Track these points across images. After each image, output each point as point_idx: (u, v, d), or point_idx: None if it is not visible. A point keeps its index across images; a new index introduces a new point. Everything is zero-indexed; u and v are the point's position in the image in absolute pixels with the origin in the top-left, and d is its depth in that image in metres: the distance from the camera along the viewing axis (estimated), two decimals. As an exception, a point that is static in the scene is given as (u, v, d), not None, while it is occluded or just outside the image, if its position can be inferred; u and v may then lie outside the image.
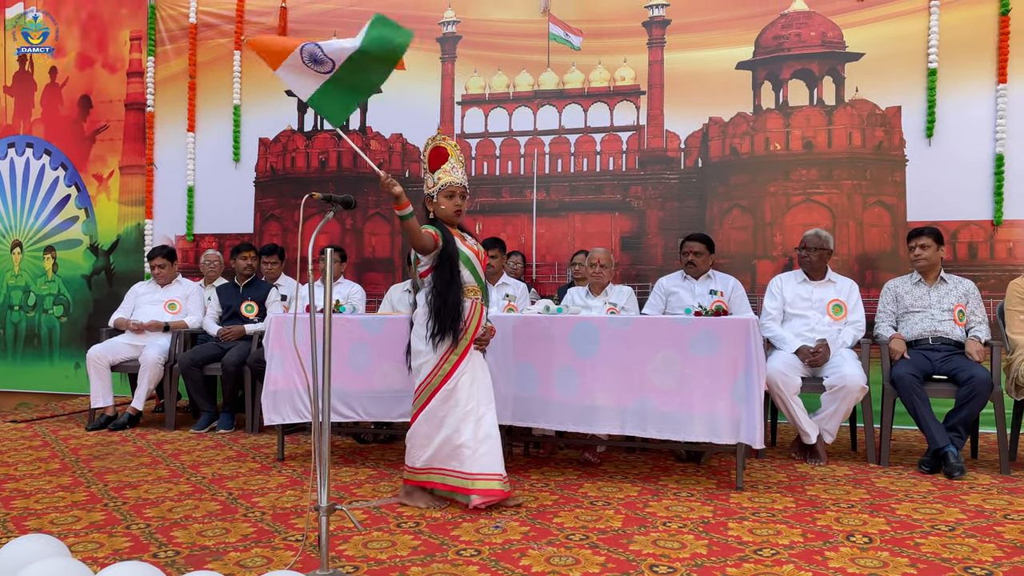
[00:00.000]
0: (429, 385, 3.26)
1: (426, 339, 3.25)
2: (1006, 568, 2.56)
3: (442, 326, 3.22)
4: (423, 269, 3.32)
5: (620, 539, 2.87)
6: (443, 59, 6.35)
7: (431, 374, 3.26)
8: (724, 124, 5.84)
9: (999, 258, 5.22)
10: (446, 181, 3.33)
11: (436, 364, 3.26)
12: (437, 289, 3.25)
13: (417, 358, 3.31)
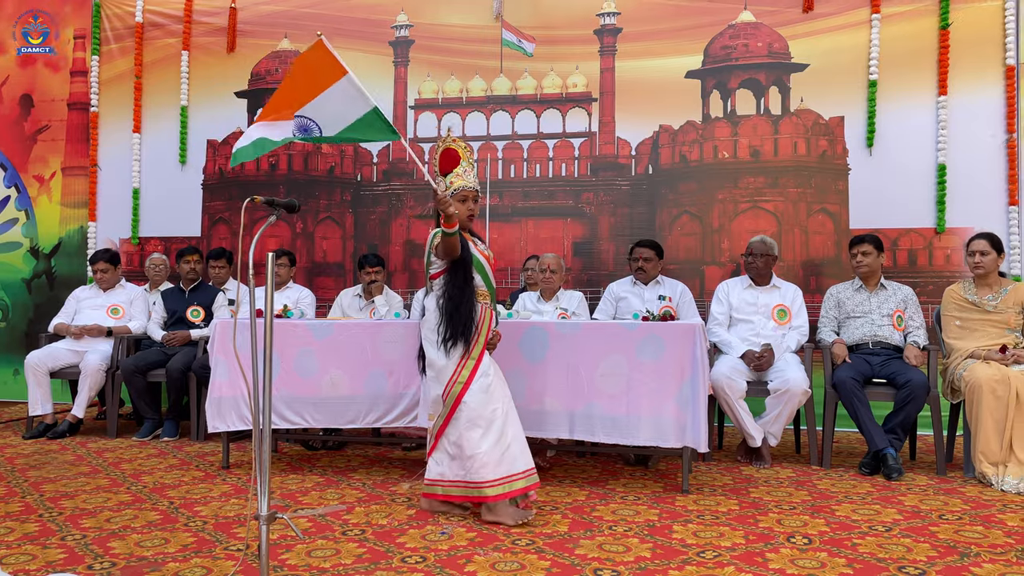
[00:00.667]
0: (451, 394, 3.17)
1: (437, 344, 3.19)
2: (939, 567, 2.63)
3: (454, 331, 3.17)
4: (435, 271, 3.27)
5: (566, 543, 2.88)
6: (396, 63, 6.33)
7: (451, 381, 3.18)
8: (674, 132, 5.92)
9: (938, 265, 5.38)
10: (459, 185, 3.29)
11: (454, 371, 3.18)
12: (449, 294, 3.20)
13: (432, 366, 3.24)
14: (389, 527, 3.10)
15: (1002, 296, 4.15)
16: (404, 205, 6.28)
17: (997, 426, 3.81)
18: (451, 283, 3.21)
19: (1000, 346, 4.01)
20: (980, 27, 5.33)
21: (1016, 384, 3.80)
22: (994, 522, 3.18)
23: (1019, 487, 3.65)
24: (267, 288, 2.31)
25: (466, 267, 3.23)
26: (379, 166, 6.33)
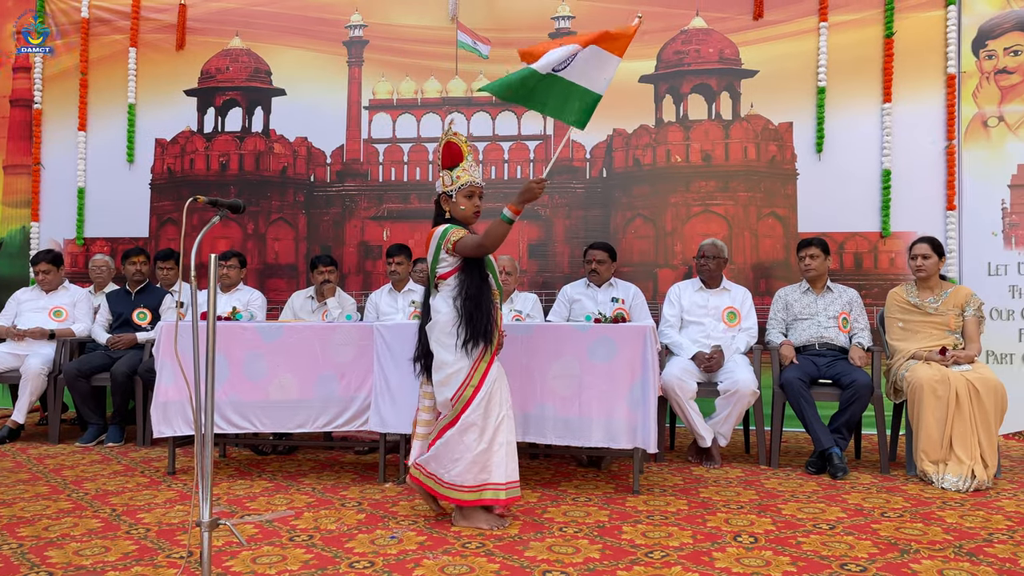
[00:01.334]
0: (461, 397, 3.06)
1: (456, 348, 3.06)
2: (879, 564, 2.69)
3: (475, 331, 3.04)
4: (446, 270, 3.13)
5: (516, 546, 2.88)
6: (350, 63, 6.27)
7: (464, 384, 3.07)
8: (628, 136, 5.97)
9: (882, 268, 5.51)
10: (466, 180, 3.18)
11: (468, 373, 3.07)
12: (468, 293, 3.07)
13: (443, 369, 3.09)
14: (338, 532, 3.06)
15: (943, 299, 4.27)
16: (358, 206, 6.22)
17: (938, 425, 3.91)
18: (468, 282, 3.09)
19: (940, 348, 4.12)
20: (923, 36, 5.49)
21: (956, 384, 3.91)
22: (934, 519, 3.26)
23: (958, 485, 3.76)
24: (210, 290, 2.27)
25: (480, 265, 3.13)
26: (332, 167, 6.26)
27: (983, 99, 5.42)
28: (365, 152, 6.24)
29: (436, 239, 3.14)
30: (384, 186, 6.21)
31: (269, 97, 6.35)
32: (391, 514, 3.32)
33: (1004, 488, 3.80)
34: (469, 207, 3.19)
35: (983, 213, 5.36)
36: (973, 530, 3.09)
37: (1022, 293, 5.25)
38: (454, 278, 3.12)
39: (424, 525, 3.15)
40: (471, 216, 3.22)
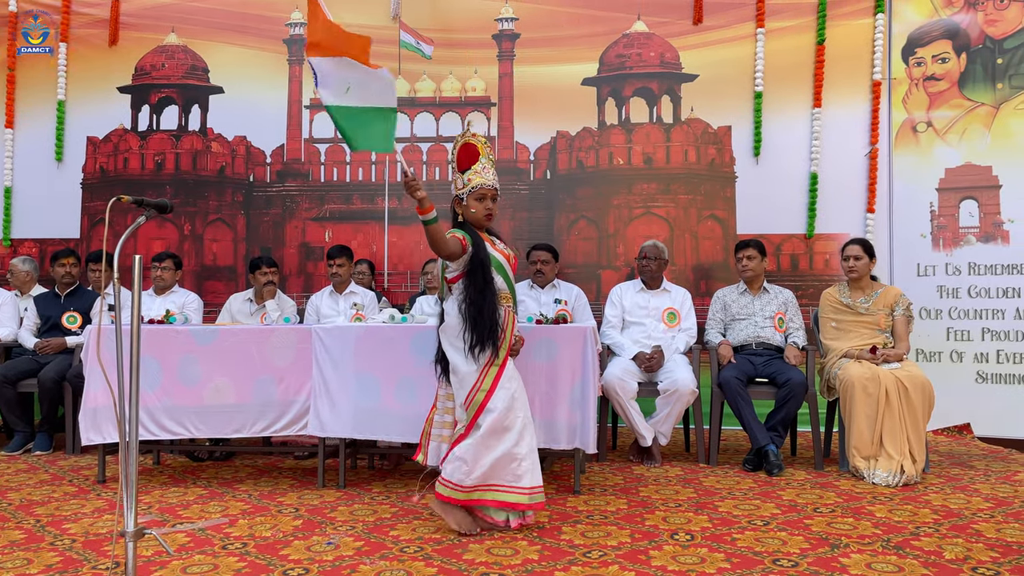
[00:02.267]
0: (473, 401, 3.02)
1: (465, 352, 3.03)
2: (810, 559, 2.75)
3: (480, 336, 3.01)
4: (452, 275, 3.12)
5: (454, 549, 2.86)
6: (291, 61, 6.17)
7: (474, 388, 3.03)
8: (571, 138, 6.00)
9: (817, 269, 5.66)
10: (477, 183, 3.12)
11: (477, 378, 3.03)
12: (470, 298, 3.04)
13: (456, 372, 3.08)
14: (273, 539, 3.00)
15: (874, 299, 4.39)
16: (299, 207, 6.13)
17: (868, 422, 4.02)
18: (471, 286, 3.05)
19: (871, 347, 4.24)
20: (852, 44, 5.65)
21: (886, 382, 4.03)
22: (864, 513, 3.35)
23: (888, 480, 3.87)
24: (134, 292, 2.20)
25: (484, 269, 3.07)
26: (273, 166, 6.15)
27: (912, 105, 5.60)
28: (306, 152, 6.15)
29: None
30: (326, 186, 6.13)
31: (206, 95, 6.21)
32: (329, 520, 3.27)
33: (932, 482, 3.93)
34: (480, 209, 3.14)
35: (913, 216, 5.54)
36: (901, 524, 3.19)
37: (949, 293, 5.44)
38: (460, 283, 3.11)
39: (362, 530, 3.11)
40: (482, 219, 3.16)
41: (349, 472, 4.06)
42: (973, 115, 5.47)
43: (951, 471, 4.19)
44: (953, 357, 5.40)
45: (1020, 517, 3.26)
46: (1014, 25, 5.44)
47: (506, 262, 3.20)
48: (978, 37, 5.49)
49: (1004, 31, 5.46)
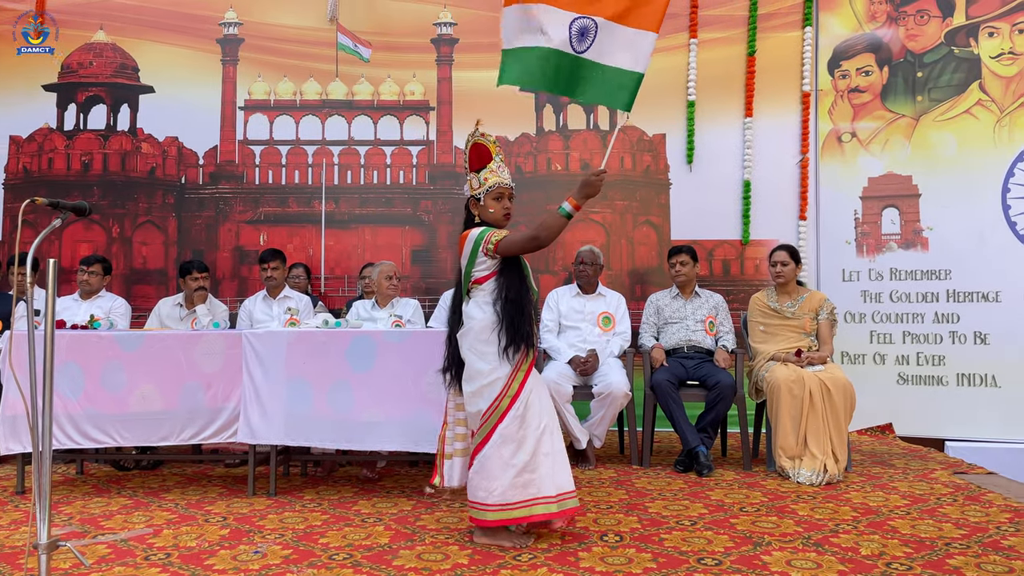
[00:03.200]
0: (498, 408, 2.89)
1: (498, 355, 2.91)
2: (733, 557, 2.82)
3: (518, 335, 2.91)
4: (484, 273, 2.98)
5: (385, 555, 2.85)
6: (224, 61, 6.07)
7: (501, 394, 2.90)
8: (510, 143, 6.04)
9: (748, 274, 5.81)
10: (494, 182, 3.03)
11: (506, 383, 2.91)
12: (509, 296, 2.93)
13: (477, 379, 2.93)
14: (198, 549, 2.94)
15: (799, 303, 4.53)
16: (233, 210, 6.02)
17: (793, 423, 4.14)
18: (508, 285, 2.95)
19: (796, 350, 4.37)
20: (782, 56, 5.83)
21: (810, 384, 4.15)
22: (787, 512, 3.44)
23: (812, 479, 3.99)
24: (47, 295, 2.14)
25: (519, 267, 3.01)
26: (205, 168, 6.04)
27: (838, 116, 5.80)
28: (240, 153, 6.05)
29: (472, 242, 3.00)
30: (261, 189, 6.04)
31: (136, 94, 6.06)
32: (257, 528, 3.22)
33: (853, 481, 4.06)
34: (499, 209, 3.04)
35: (838, 223, 5.74)
36: (822, 521, 3.29)
37: (872, 298, 5.65)
38: (492, 282, 2.99)
39: (291, 538, 3.07)
40: (501, 218, 3.06)
41: (281, 479, 4.00)
42: (894, 126, 5.70)
43: (872, 470, 4.34)
44: (876, 359, 5.60)
45: (934, 514, 3.40)
46: (933, 40, 5.68)
47: (528, 265, 3.14)
48: (899, 51, 5.72)
49: (924, 46, 5.70)
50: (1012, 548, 2.89)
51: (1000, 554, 2.82)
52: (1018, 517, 3.31)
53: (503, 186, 3.04)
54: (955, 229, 5.50)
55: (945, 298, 5.51)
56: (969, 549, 2.88)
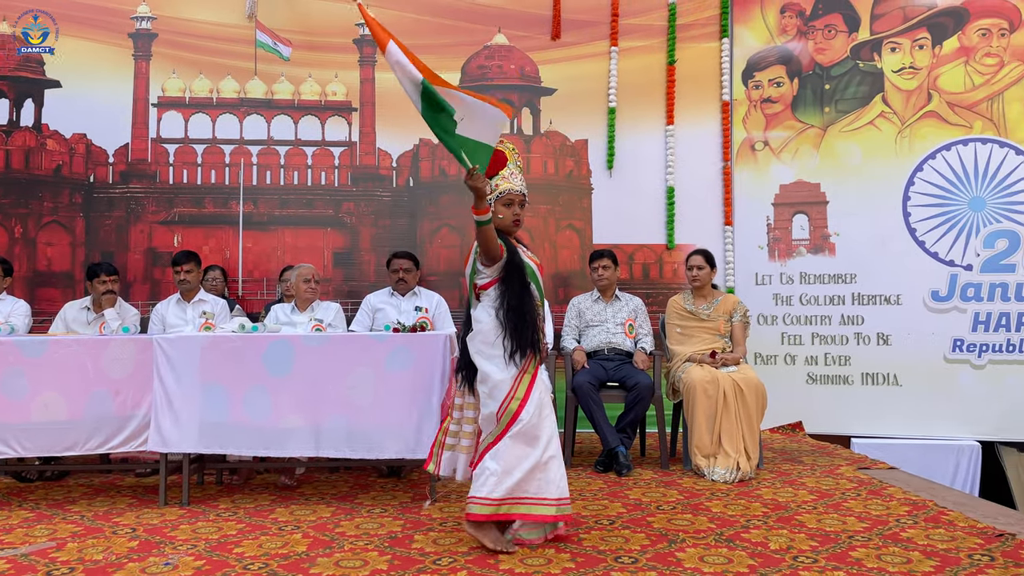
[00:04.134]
0: (507, 411, 2.90)
1: (505, 359, 2.93)
2: (649, 555, 2.88)
3: (522, 342, 2.93)
4: (485, 281, 3.01)
5: (302, 563, 2.80)
6: (136, 56, 5.86)
7: (508, 397, 2.91)
8: (434, 146, 6.02)
9: (667, 278, 5.95)
10: (504, 188, 3.02)
11: (512, 386, 2.92)
12: (511, 304, 2.94)
13: (487, 382, 2.95)
14: (105, 563, 2.83)
15: (714, 306, 4.67)
16: (145, 210, 5.81)
17: (708, 422, 4.26)
18: (509, 293, 2.96)
19: (711, 351, 4.50)
20: (701, 65, 6.00)
21: (724, 385, 4.28)
22: (702, 509, 3.54)
23: (726, 476, 4.11)
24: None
25: (521, 273, 2.99)
26: (116, 166, 5.81)
27: (751, 125, 6.00)
28: (153, 152, 5.85)
29: (472, 251, 3.07)
30: (175, 189, 5.86)
31: (42, 88, 5.79)
32: (169, 539, 3.12)
33: (765, 478, 4.21)
34: (508, 215, 3.04)
35: (751, 228, 5.94)
36: (734, 518, 3.40)
37: (783, 300, 5.87)
38: (494, 289, 3.01)
39: (204, 549, 2.99)
40: (510, 225, 3.06)
41: (195, 488, 3.89)
42: (804, 136, 5.93)
43: (782, 466, 4.50)
44: (787, 360, 5.82)
45: (839, 508, 3.55)
46: (840, 54, 5.94)
47: (537, 269, 3.13)
48: (809, 64, 5.96)
49: (831, 59, 5.95)
50: (910, 540, 3.04)
51: (899, 545, 2.97)
52: (916, 510, 3.49)
53: (513, 192, 3.04)
54: (860, 235, 5.77)
55: (851, 301, 5.77)
56: (870, 541, 3.02)
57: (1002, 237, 5.57)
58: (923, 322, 5.61)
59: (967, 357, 5.55)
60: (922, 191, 5.71)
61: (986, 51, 5.72)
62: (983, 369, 5.52)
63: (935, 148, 5.71)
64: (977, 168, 5.64)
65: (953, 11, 5.77)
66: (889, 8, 5.87)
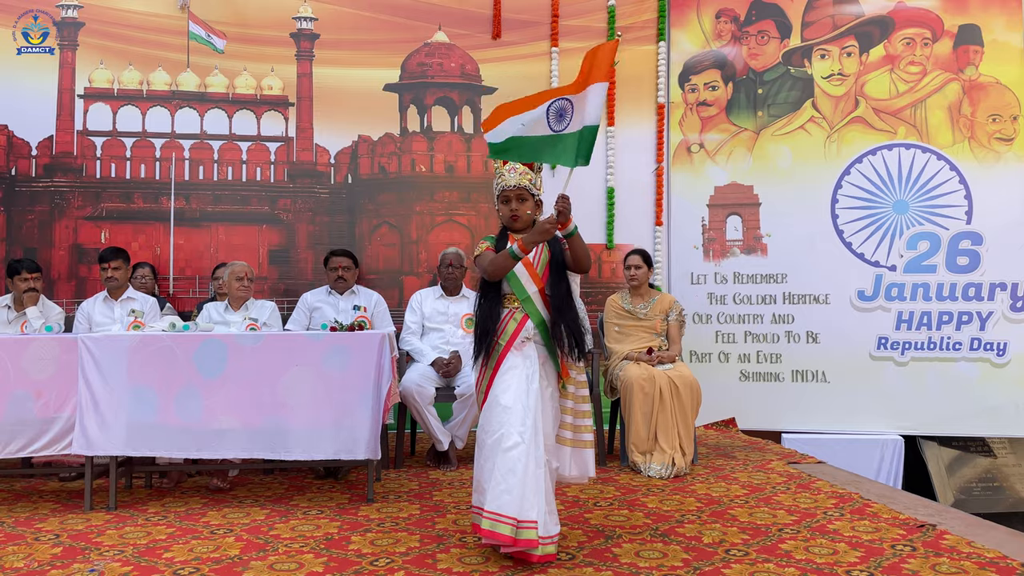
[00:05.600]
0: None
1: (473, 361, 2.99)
2: (586, 551, 2.91)
3: (477, 343, 2.95)
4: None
5: (235, 567, 2.74)
6: (61, 46, 5.63)
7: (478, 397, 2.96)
8: (373, 143, 5.96)
9: (606, 277, 6.02)
10: (500, 185, 2.96)
11: (476, 385, 2.98)
12: (479, 313, 2.97)
13: None
14: (27, 570, 2.72)
15: (651, 305, 4.74)
16: (70, 205, 5.60)
17: (645, 419, 4.33)
18: (482, 299, 2.98)
19: (647, 348, 4.57)
20: (639, 68, 6.08)
21: (660, 382, 4.36)
22: (638, 505, 3.60)
23: (661, 472, 4.18)
24: None
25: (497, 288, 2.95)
26: (39, 159, 5.59)
27: (687, 127, 6.11)
28: (79, 145, 5.64)
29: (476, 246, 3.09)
30: (103, 183, 5.66)
31: (-41, 77, 5.52)
32: (95, 545, 3.02)
33: (699, 473, 4.29)
34: (504, 212, 3.00)
35: (687, 228, 6.05)
36: (669, 512, 3.46)
37: (717, 300, 5.99)
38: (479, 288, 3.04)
39: (132, 554, 2.90)
40: (508, 220, 3.00)
41: (122, 492, 3.78)
42: (738, 139, 6.07)
43: (716, 462, 4.60)
44: (720, 358, 5.95)
45: (770, 502, 3.65)
46: (772, 59, 6.09)
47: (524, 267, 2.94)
48: (743, 69, 6.10)
49: (764, 64, 6.11)
50: (837, 531, 3.15)
51: (826, 537, 3.07)
52: (843, 502, 3.62)
53: (507, 188, 2.97)
54: (790, 236, 5.93)
55: (782, 300, 5.93)
56: (799, 534, 3.12)
57: (924, 239, 5.80)
58: (850, 320, 5.80)
59: (891, 355, 5.77)
60: (849, 194, 5.90)
61: (910, 59, 5.95)
62: (906, 366, 5.74)
63: (862, 152, 5.91)
64: (901, 172, 5.86)
65: (879, 20, 5.98)
66: (819, 16, 6.06)
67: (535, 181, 3.01)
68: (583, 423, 3.03)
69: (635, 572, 2.67)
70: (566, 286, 2.98)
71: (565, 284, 2.98)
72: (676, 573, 2.66)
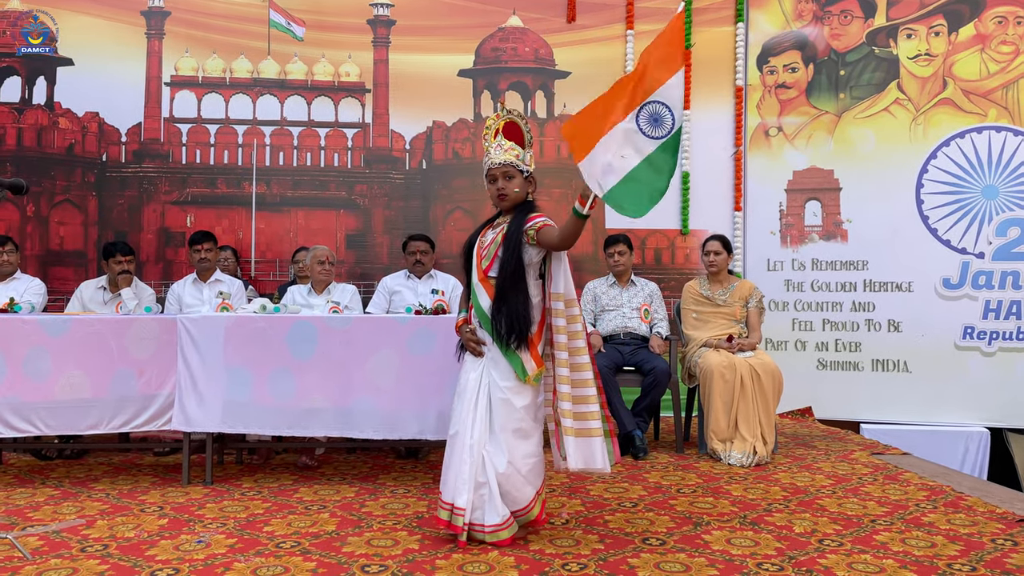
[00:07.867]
0: None
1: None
2: (676, 537, 2.91)
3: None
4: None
5: (333, 542, 2.83)
6: (149, 35, 5.81)
7: None
8: (447, 128, 6.01)
9: (679, 263, 5.96)
10: (487, 163, 2.87)
11: None
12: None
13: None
14: (137, 540, 2.85)
15: (730, 291, 4.69)
16: (158, 190, 5.80)
17: (725, 407, 4.29)
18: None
19: (727, 336, 4.53)
20: (716, 50, 5.98)
21: (741, 370, 4.31)
22: (722, 493, 3.58)
23: (742, 461, 4.15)
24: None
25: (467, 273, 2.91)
26: (129, 146, 5.79)
27: (765, 111, 5.99)
28: (166, 132, 5.82)
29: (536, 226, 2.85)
30: (188, 169, 5.83)
31: (54, 66, 5.75)
32: (197, 517, 3.14)
33: (780, 462, 4.24)
34: (492, 191, 2.88)
35: (764, 214, 5.94)
36: (755, 501, 3.43)
37: (795, 287, 5.89)
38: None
39: (234, 527, 3.01)
40: (496, 200, 2.89)
41: (216, 468, 3.91)
42: (818, 122, 5.93)
43: (796, 451, 4.54)
44: (797, 346, 5.85)
45: (858, 492, 3.59)
46: (855, 40, 5.92)
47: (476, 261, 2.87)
48: (824, 50, 5.95)
49: (847, 45, 5.94)
50: (932, 524, 3.08)
51: (922, 530, 3.01)
52: (934, 495, 3.53)
53: (492, 167, 2.85)
54: (872, 222, 5.78)
55: (862, 288, 5.79)
56: (893, 525, 3.06)
57: (1014, 225, 5.59)
58: (934, 309, 5.64)
59: (977, 344, 5.59)
60: (935, 179, 5.71)
61: (1002, 39, 5.71)
62: (993, 356, 5.56)
63: (949, 135, 5.72)
64: (991, 156, 5.65)
65: (970, -2, 5.76)
66: (905, -6, 5.86)
67: (523, 156, 2.86)
68: (587, 409, 2.80)
69: (729, 559, 2.67)
70: (517, 267, 2.77)
71: (516, 265, 2.77)
72: (771, 562, 2.64)
